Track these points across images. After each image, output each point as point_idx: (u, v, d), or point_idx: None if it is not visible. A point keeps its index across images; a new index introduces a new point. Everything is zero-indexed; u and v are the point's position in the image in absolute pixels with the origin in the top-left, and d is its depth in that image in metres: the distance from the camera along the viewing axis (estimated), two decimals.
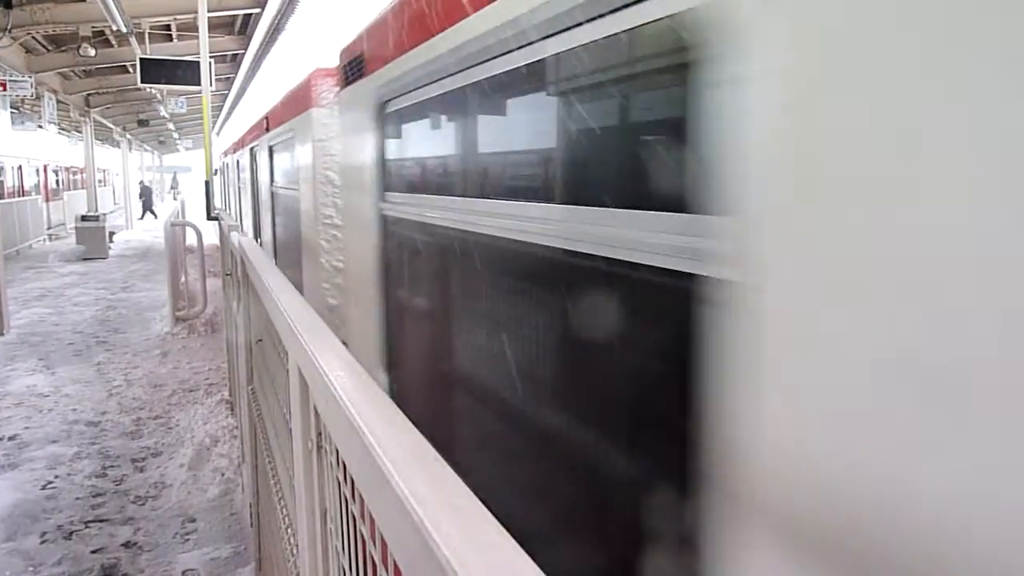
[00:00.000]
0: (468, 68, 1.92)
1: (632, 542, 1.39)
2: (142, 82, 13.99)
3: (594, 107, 1.52)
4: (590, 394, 1.59)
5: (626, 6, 1.24)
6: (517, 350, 1.89)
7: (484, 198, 1.99)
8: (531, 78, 1.67)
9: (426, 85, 2.23)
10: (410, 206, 2.51)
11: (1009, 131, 0.65)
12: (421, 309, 2.63)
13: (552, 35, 1.49)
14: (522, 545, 0.65)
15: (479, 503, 0.73)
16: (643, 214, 1.27)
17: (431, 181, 2.49)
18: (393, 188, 2.71)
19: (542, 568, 0.62)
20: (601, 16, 1.30)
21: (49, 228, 25.70)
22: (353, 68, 3.04)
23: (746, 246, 0.92)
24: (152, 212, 35.32)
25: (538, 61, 1.60)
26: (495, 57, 1.76)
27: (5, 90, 14.86)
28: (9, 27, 12.29)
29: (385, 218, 2.75)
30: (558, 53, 1.50)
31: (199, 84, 9.99)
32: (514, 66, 1.69)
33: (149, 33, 14.44)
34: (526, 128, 1.84)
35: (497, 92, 1.88)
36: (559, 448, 1.73)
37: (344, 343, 1.44)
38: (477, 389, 2.27)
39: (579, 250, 1.46)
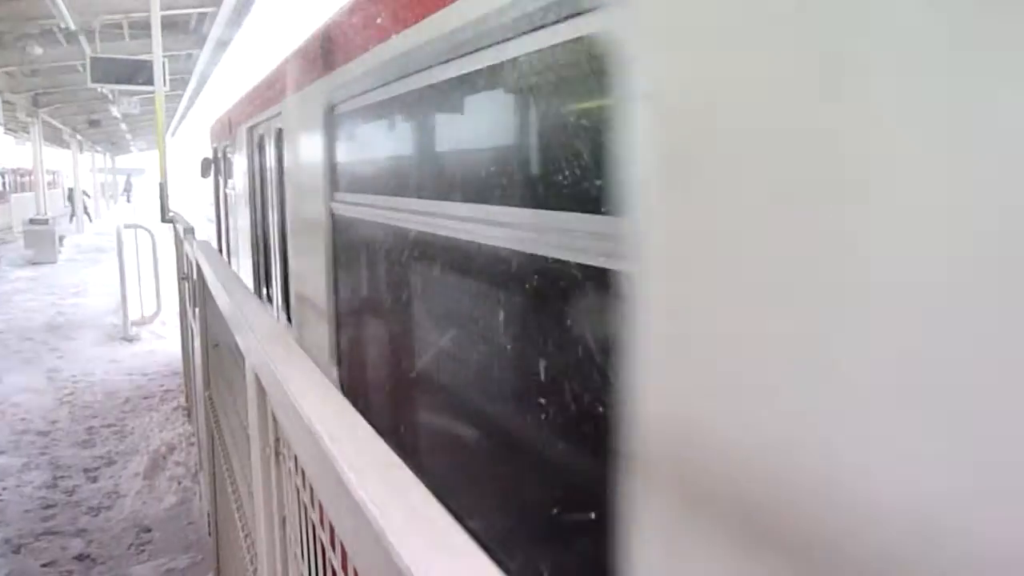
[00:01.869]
0: (400, 79, 2.11)
1: (566, 497, 1.55)
2: (92, 81, 13.57)
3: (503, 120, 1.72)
4: (524, 370, 1.68)
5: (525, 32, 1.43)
6: (445, 329, 2.10)
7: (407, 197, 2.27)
8: (453, 90, 1.84)
9: (367, 92, 2.47)
10: (353, 204, 2.82)
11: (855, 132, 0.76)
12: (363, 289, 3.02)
13: (462, 56, 1.69)
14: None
15: (441, 508, 0.72)
16: (555, 214, 1.39)
17: (369, 181, 2.75)
18: (341, 188, 3.02)
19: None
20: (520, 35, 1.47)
21: None
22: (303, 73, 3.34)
23: (636, 243, 1.05)
24: (88, 215, 31.97)
25: (459, 75, 1.76)
26: (429, 67, 1.89)
27: None
28: None
29: (333, 213, 3.05)
30: (477, 69, 1.68)
31: (152, 84, 9.77)
32: (445, 77, 1.85)
33: (100, 32, 14.07)
34: (453, 136, 2.03)
35: (428, 101, 2.04)
36: (505, 414, 1.87)
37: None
38: (418, 367, 2.43)
39: (501, 245, 1.63)
